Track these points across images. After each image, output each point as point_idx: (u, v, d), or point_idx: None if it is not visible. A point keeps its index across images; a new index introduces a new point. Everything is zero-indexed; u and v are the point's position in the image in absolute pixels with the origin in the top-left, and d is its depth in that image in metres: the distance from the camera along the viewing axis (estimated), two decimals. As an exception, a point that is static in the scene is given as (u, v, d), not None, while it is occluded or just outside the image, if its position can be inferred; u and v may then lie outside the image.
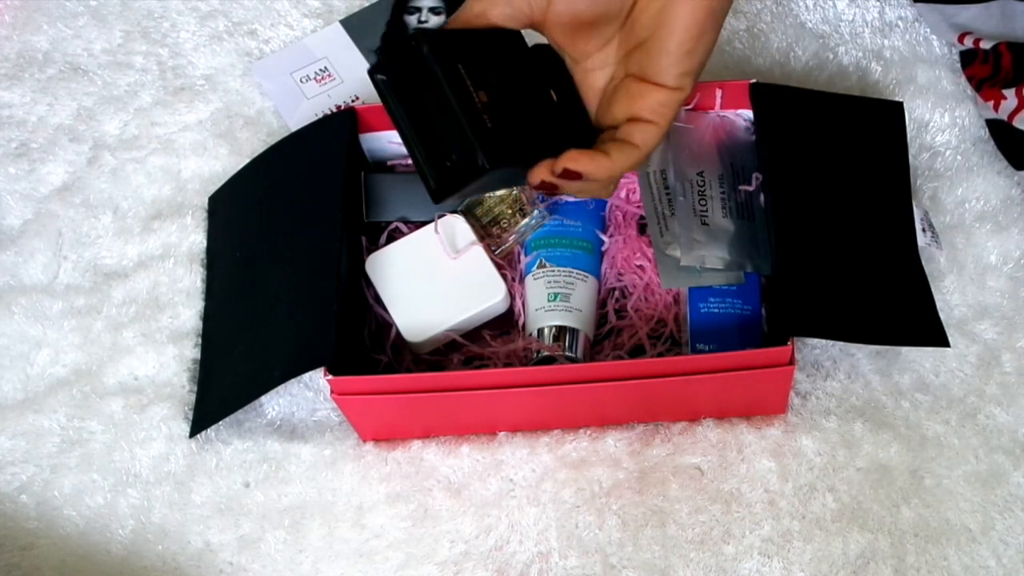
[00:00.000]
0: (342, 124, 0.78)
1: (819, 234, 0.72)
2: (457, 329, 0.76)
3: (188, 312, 0.82)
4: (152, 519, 0.75)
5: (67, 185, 0.89)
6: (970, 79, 0.85)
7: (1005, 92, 0.80)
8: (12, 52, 0.96)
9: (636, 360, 0.73)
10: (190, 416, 0.78)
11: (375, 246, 0.79)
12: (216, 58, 0.94)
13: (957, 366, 0.75)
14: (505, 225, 0.78)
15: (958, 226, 0.80)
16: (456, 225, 0.77)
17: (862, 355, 0.76)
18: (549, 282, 0.77)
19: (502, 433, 0.76)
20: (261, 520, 0.74)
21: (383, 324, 0.77)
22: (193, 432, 0.77)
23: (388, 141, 0.81)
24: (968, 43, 0.84)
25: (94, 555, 0.74)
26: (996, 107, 0.81)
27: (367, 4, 0.96)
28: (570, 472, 0.73)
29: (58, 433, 0.79)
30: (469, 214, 0.78)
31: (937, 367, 0.75)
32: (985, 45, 0.82)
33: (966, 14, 0.85)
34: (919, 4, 0.88)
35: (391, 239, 0.80)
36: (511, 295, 0.78)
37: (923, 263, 0.75)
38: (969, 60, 0.85)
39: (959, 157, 0.84)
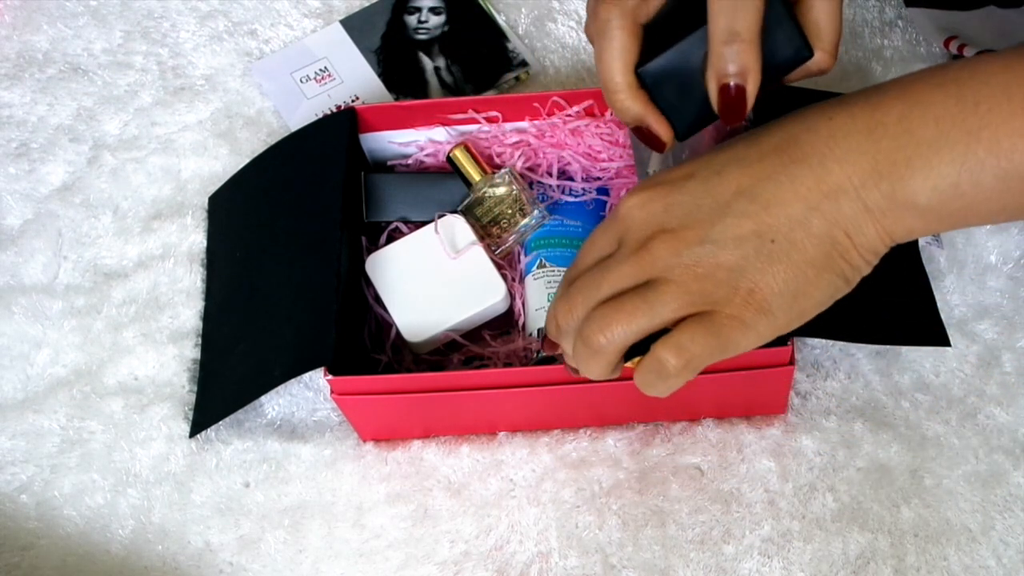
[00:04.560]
0: (342, 124, 0.78)
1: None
2: (457, 329, 0.76)
3: (188, 312, 0.82)
4: (152, 519, 0.75)
5: (67, 185, 0.89)
6: None
7: None
8: (12, 52, 0.97)
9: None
10: (190, 416, 0.78)
11: (375, 246, 0.79)
12: (216, 58, 0.94)
13: (957, 366, 0.75)
14: (505, 225, 0.78)
15: (958, 226, 0.80)
16: (456, 225, 0.77)
17: (862, 355, 0.76)
18: (549, 282, 0.77)
19: (502, 433, 0.75)
20: (261, 520, 0.74)
21: (383, 324, 0.77)
22: (193, 432, 0.77)
23: (388, 141, 0.81)
24: (953, 49, 0.84)
25: (94, 555, 0.74)
26: None
27: (367, 4, 0.96)
28: (570, 472, 0.73)
29: (58, 433, 0.79)
30: (469, 214, 0.78)
31: (937, 367, 0.75)
32: (968, 53, 0.82)
33: (953, 19, 0.84)
34: (911, 8, 0.88)
35: (391, 239, 0.80)
36: (511, 295, 0.78)
37: (923, 263, 0.75)
38: None
39: (959, 157, 0.83)
